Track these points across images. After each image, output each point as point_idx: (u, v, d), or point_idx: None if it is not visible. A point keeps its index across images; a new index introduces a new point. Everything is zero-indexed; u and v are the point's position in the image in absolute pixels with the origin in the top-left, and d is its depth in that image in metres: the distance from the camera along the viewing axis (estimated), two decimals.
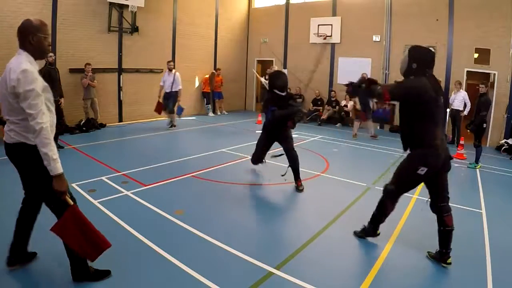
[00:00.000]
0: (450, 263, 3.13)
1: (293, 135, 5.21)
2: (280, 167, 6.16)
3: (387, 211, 3.35)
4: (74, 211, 2.36)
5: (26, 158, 2.30)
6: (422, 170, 3.03)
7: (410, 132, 3.09)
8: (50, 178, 2.22)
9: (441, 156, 3.02)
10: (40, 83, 2.19)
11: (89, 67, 8.44)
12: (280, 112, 4.76)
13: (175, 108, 9.31)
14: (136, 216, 3.87)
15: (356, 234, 3.65)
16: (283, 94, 4.87)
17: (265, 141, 5.18)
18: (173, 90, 9.07)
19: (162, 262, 2.98)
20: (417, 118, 2.98)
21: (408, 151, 3.23)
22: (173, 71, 9.10)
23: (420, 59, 3.01)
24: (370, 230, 3.53)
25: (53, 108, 2.37)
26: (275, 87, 4.85)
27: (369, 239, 3.58)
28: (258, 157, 5.38)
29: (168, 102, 9.13)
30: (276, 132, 4.99)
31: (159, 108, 9.17)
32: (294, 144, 5.09)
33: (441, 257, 3.18)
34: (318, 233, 3.68)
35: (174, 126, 9.46)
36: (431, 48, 3.19)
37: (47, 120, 2.15)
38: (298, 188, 4.99)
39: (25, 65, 2.15)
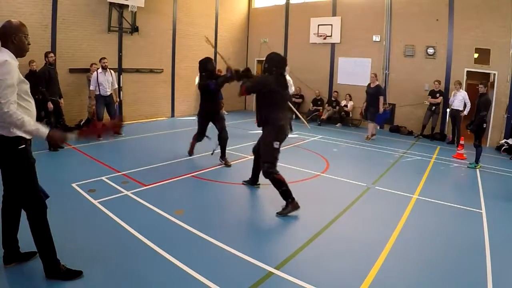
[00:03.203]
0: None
1: (293, 135, 5.28)
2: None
3: (282, 182, 4.08)
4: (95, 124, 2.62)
5: (4, 151, 2.38)
6: (277, 144, 4.08)
7: (264, 116, 4.13)
8: (25, 171, 2.41)
9: (286, 132, 4.21)
10: (16, 75, 2.31)
11: (95, 67, 8.40)
12: (220, 79, 5.66)
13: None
14: (136, 216, 3.87)
15: (280, 214, 4.07)
16: (214, 73, 6.08)
17: (204, 124, 6.19)
18: (110, 92, 7.69)
19: (162, 262, 2.98)
20: (266, 105, 4.09)
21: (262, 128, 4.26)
22: (108, 69, 7.67)
23: (270, 61, 4.16)
24: (290, 205, 4.08)
25: (30, 99, 2.50)
26: (207, 70, 5.97)
27: (369, 238, 3.59)
28: (201, 136, 6.33)
29: (111, 109, 7.77)
30: (212, 115, 6.03)
31: (99, 130, 7.60)
32: (294, 144, 5.22)
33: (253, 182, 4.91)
34: (318, 233, 3.68)
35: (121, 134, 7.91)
36: (283, 55, 4.32)
37: (14, 107, 2.28)
38: (227, 164, 6.01)
39: (5, 57, 2.29)
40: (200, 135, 6.36)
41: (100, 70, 7.61)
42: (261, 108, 4.17)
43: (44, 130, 2.35)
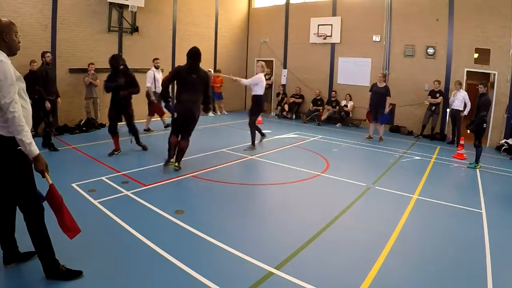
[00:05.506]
0: (177, 167, 5.55)
1: (293, 135, 5.30)
2: (274, 166, 6.16)
3: (171, 145, 5.52)
4: (53, 190, 2.53)
5: (2, 152, 2.38)
6: (175, 115, 5.44)
7: (178, 97, 5.42)
8: (22, 173, 2.42)
9: (185, 107, 5.36)
10: (13, 73, 2.32)
11: (92, 66, 8.44)
12: (113, 84, 6.31)
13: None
14: (136, 216, 3.87)
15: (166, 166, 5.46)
16: (118, 70, 6.38)
17: (116, 114, 6.48)
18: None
19: (162, 262, 2.98)
20: (179, 89, 5.45)
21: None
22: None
23: (188, 53, 5.49)
24: (165, 164, 5.50)
25: (26, 97, 2.51)
26: (111, 66, 6.33)
27: (370, 238, 3.60)
28: (114, 128, 6.49)
29: (161, 102, 8.34)
30: (123, 108, 6.50)
31: (161, 109, 8.39)
32: (294, 144, 5.25)
33: (166, 163, 5.57)
34: (318, 233, 3.68)
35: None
36: (196, 47, 5.54)
37: (19, 108, 2.29)
38: (142, 146, 6.89)
39: (0, 58, 2.29)
40: (112, 127, 6.43)
41: (154, 69, 8.58)
42: (177, 92, 5.47)
43: (36, 148, 2.34)
